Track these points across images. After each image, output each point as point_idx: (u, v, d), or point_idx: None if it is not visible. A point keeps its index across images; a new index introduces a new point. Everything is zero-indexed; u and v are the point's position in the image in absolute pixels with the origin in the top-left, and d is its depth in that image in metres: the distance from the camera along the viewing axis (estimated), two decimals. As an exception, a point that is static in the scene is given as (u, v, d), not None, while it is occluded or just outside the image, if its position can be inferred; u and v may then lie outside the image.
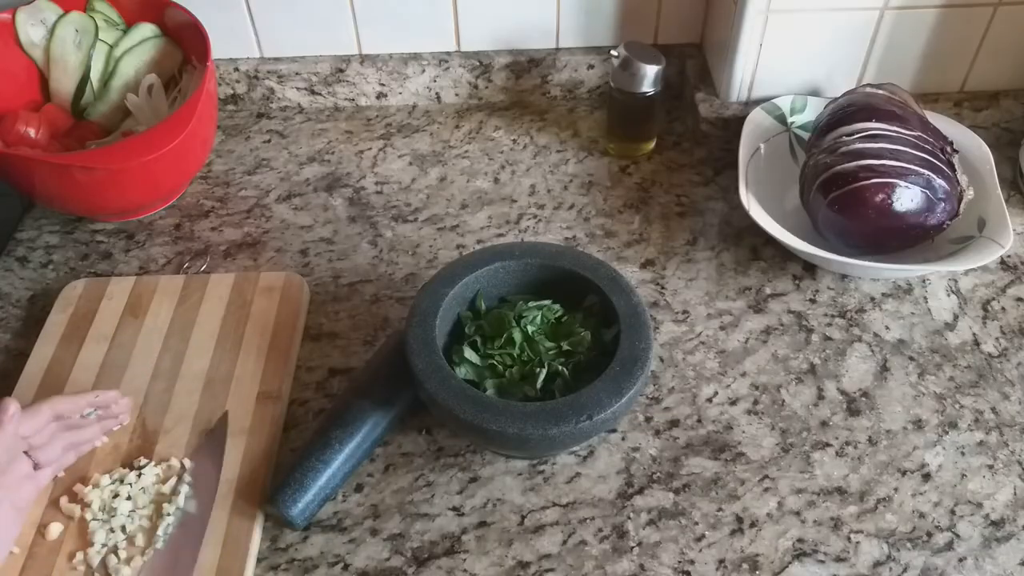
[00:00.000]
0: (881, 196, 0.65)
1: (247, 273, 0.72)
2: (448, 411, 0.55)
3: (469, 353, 0.60)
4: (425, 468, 0.61)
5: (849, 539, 0.57)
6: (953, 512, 0.58)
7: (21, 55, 0.78)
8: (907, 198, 0.66)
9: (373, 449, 0.61)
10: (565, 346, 0.60)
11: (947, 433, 0.63)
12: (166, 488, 0.58)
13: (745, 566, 0.56)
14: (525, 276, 0.64)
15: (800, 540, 0.57)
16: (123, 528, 0.56)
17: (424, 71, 0.89)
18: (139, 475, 0.59)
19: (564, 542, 0.57)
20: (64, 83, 0.79)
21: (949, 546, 0.57)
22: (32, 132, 0.75)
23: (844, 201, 0.67)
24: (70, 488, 0.59)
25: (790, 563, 0.56)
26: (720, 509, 0.59)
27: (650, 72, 0.77)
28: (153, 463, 0.60)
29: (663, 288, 0.73)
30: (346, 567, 0.56)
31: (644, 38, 0.89)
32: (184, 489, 0.58)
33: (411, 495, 0.60)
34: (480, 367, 0.60)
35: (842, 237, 0.69)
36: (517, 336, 0.60)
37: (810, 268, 0.74)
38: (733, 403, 0.65)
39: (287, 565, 0.56)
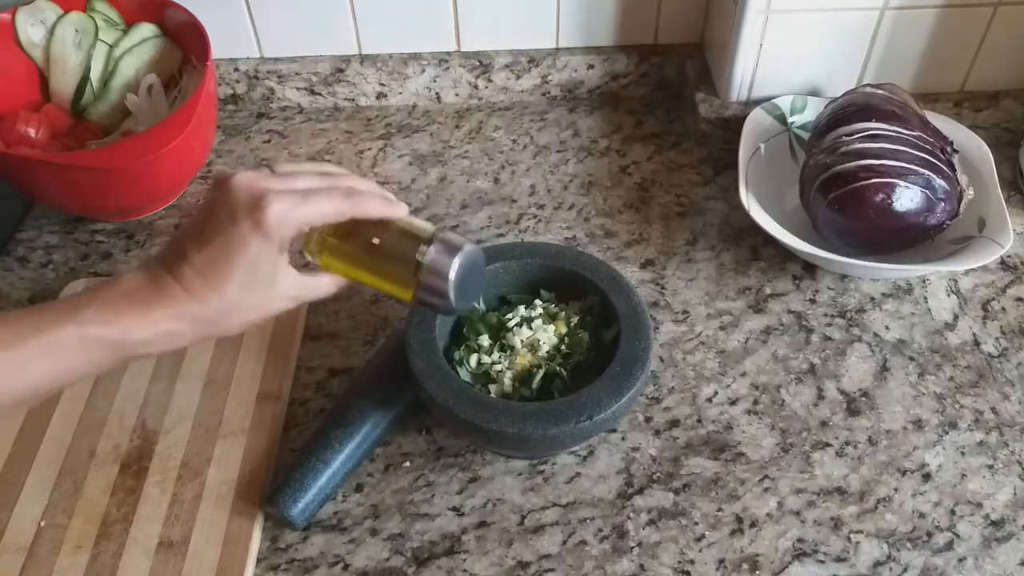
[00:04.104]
0: (881, 196, 0.66)
1: (247, 273, 0.72)
2: (448, 411, 0.55)
3: (470, 357, 0.60)
4: (425, 468, 0.61)
5: (849, 539, 0.57)
6: (953, 512, 0.58)
7: (21, 55, 0.78)
8: (907, 198, 0.66)
9: (373, 449, 0.61)
10: (564, 348, 0.60)
11: (947, 433, 0.63)
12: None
13: (745, 566, 0.56)
14: (525, 276, 0.64)
15: (800, 540, 0.57)
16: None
17: (424, 71, 0.89)
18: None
19: (564, 542, 0.57)
20: (64, 83, 0.79)
21: (949, 546, 0.57)
22: (32, 132, 0.75)
23: (844, 201, 0.67)
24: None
25: (790, 563, 0.56)
26: (720, 509, 0.59)
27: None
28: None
29: (663, 288, 0.73)
30: (346, 567, 0.56)
31: (644, 38, 0.89)
32: None
33: (411, 495, 0.60)
34: (478, 373, 0.60)
35: (842, 237, 0.69)
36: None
37: (810, 268, 0.74)
38: (733, 403, 0.65)
39: (287, 565, 0.56)
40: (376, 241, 0.50)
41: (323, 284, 0.51)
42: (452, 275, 0.49)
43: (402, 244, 0.50)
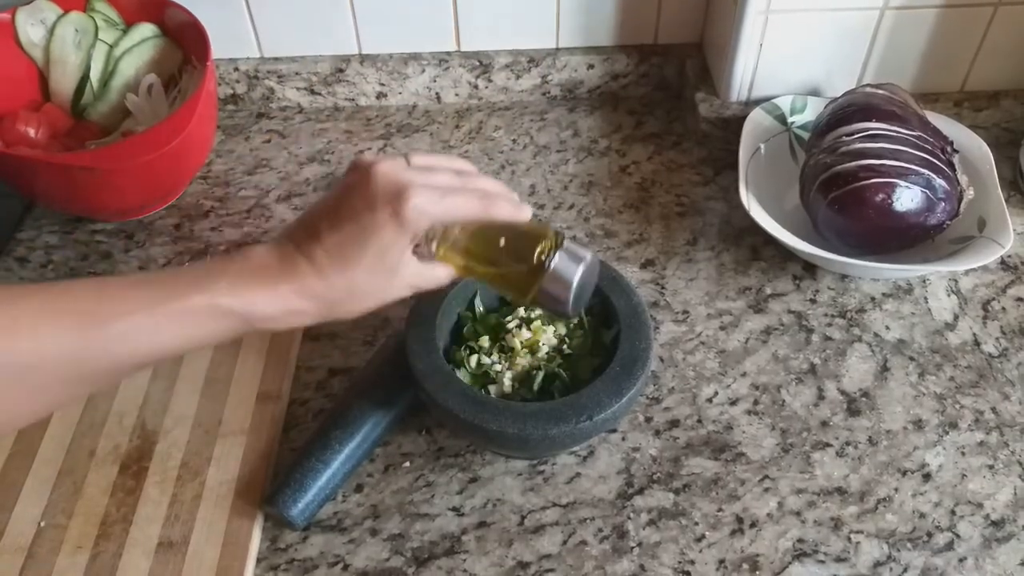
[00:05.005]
0: (881, 196, 0.65)
1: (247, 273, 0.72)
2: (448, 411, 0.55)
3: (469, 358, 0.60)
4: (425, 468, 0.61)
5: (849, 539, 0.57)
6: (953, 512, 0.58)
7: (21, 55, 0.78)
8: (907, 198, 0.66)
9: (373, 449, 0.61)
10: (564, 348, 0.60)
11: (947, 433, 0.63)
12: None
13: (745, 566, 0.56)
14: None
15: (800, 540, 0.57)
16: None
17: (424, 71, 0.89)
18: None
19: (564, 542, 0.57)
20: (64, 83, 0.79)
21: (949, 546, 0.57)
22: (32, 132, 0.75)
23: (844, 201, 0.67)
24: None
25: (790, 563, 0.56)
26: (720, 509, 0.59)
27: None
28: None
29: (663, 288, 0.73)
30: (346, 567, 0.56)
31: (644, 38, 0.89)
32: None
33: (411, 495, 0.60)
34: (478, 374, 0.60)
35: (842, 237, 0.69)
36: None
37: (810, 268, 0.74)
38: (733, 403, 0.64)
39: (287, 565, 0.56)
40: (501, 242, 0.51)
41: (439, 275, 0.52)
42: (575, 283, 0.50)
43: (527, 248, 0.51)
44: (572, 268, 0.50)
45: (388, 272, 0.49)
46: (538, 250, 0.50)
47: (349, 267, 0.47)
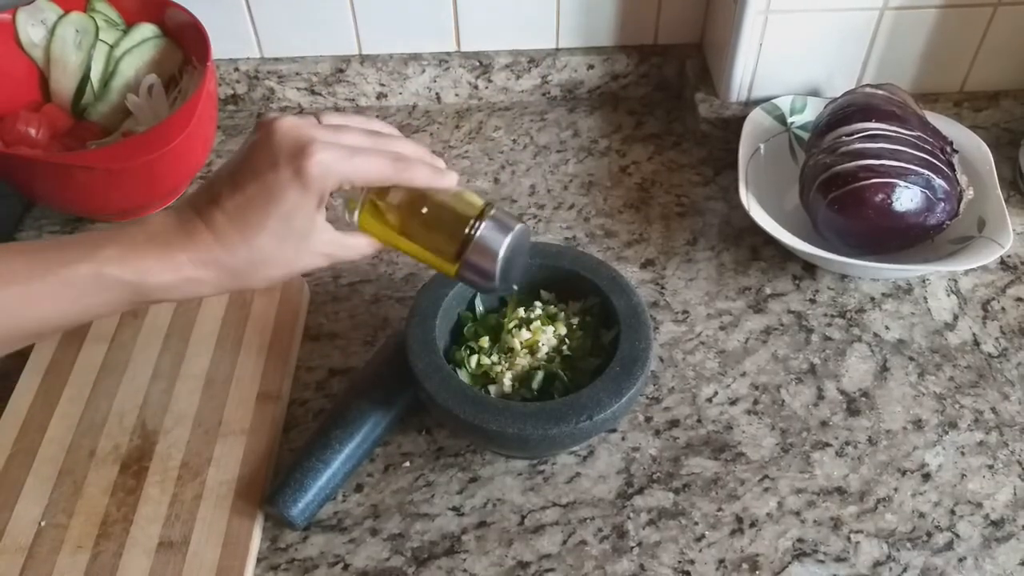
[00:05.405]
0: (881, 196, 0.66)
1: (247, 273, 0.72)
2: (448, 411, 0.55)
3: (469, 358, 0.60)
4: (425, 468, 0.61)
5: (849, 539, 0.57)
6: (953, 512, 0.58)
7: (21, 55, 0.78)
8: (907, 198, 0.66)
9: (373, 449, 0.61)
10: (565, 350, 0.60)
11: (947, 433, 0.63)
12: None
13: (745, 566, 0.56)
14: (525, 277, 0.64)
15: (800, 540, 0.57)
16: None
17: (424, 71, 0.89)
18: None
19: (564, 542, 0.57)
20: (64, 83, 0.79)
21: (949, 546, 0.57)
22: (32, 132, 0.75)
23: (844, 201, 0.67)
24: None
25: (790, 563, 0.56)
26: (720, 509, 0.59)
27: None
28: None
29: (663, 288, 0.73)
30: (346, 567, 0.56)
31: (644, 38, 0.89)
32: None
33: (411, 495, 0.60)
34: (478, 374, 0.60)
35: (842, 237, 0.69)
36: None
37: (810, 268, 0.74)
38: (733, 403, 0.65)
39: (287, 565, 0.56)
40: (424, 210, 0.48)
41: (359, 245, 0.49)
42: (501, 254, 0.47)
43: (451, 217, 0.47)
44: (499, 239, 0.47)
45: (297, 239, 0.45)
46: (463, 220, 0.47)
47: (251, 232, 0.44)
